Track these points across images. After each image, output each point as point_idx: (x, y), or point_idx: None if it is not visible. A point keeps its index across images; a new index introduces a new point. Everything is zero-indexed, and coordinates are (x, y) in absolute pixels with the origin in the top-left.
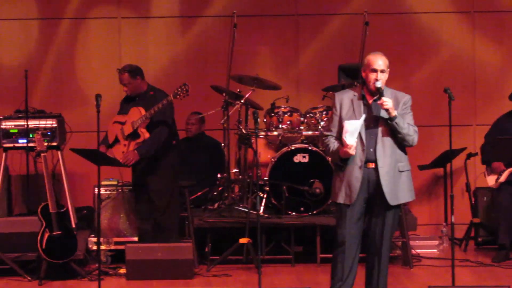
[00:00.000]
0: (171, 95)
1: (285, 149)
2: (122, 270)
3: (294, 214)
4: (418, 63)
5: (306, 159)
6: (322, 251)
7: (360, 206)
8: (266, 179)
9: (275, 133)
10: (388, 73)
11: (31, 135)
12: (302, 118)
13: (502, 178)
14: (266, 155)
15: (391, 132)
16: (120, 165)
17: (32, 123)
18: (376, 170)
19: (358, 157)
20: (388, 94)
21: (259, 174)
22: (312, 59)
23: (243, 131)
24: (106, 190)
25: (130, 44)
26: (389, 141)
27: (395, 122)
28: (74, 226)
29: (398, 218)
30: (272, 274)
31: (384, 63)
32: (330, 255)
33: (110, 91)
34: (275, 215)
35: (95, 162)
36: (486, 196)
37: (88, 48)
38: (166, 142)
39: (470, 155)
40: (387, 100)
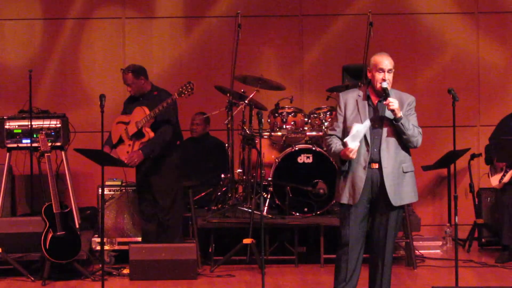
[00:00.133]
0: (176, 93)
1: (289, 149)
2: (126, 271)
3: (297, 214)
4: (422, 64)
5: (310, 160)
6: (326, 252)
7: (363, 207)
8: (270, 180)
9: (279, 133)
10: (393, 74)
11: (35, 135)
12: (306, 119)
13: (506, 178)
14: (270, 156)
15: (396, 132)
16: (123, 165)
17: (36, 123)
18: (380, 170)
19: (362, 157)
20: (392, 95)
21: (263, 175)
22: (316, 60)
23: (247, 132)
24: (110, 190)
25: (134, 44)
26: (393, 141)
27: (401, 123)
28: (77, 226)
29: (402, 218)
30: (275, 275)
31: (390, 63)
32: (333, 256)
33: (114, 91)
34: (279, 216)
35: (99, 162)
36: (490, 196)
37: (92, 48)
38: (171, 142)
39: (474, 156)
40: (393, 100)
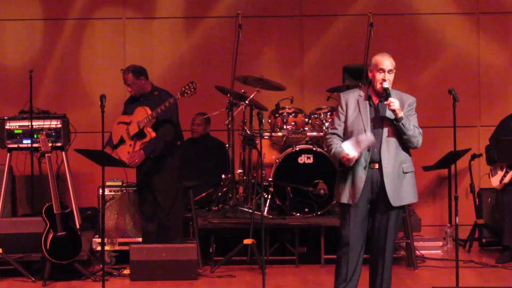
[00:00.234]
0: (179, 93)
1: (289, 150)
2: (126, 271)
3: (298, 215)
4: (422, 64)
5: (310, 160)
6: (326, 252)
7: (364, 207)
8: (271, 180)
9: (280, 134)
10: (394, 74)
11: (36, 136)
12: (307, 119)
13: (506, 179)
14: (270, 156)
15: (396, 133)
16: (124, 165)
17: (36, 124)
18: (380, 170)
19: (363, 157)
20: (393, 95)
21: (264, 175)
22: (316, 60)
23: (248, 132)
24: (111, 191)
25: (134, 44)
26: (394, 142)
27: (401, 123)
28: (78, 226)
29: (402, 219)
30: (276, 275)
31: (391, 64)
32: (334, 256)
33: (115, 92)
34: (279, 216)
35: (99, 162)
36: (490, 197)
37: (93, 48)
38: (172, 142)
39: (474, 156)
40: (394, 101)
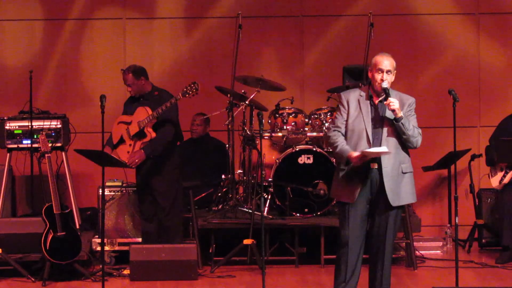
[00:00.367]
0: (180, 94)
1: (289, 150)
2: (126, 271)
3: (298, 215)
4: (422, 65)
5: (310, 160)
6: (326, 252)
7: (363, 207)
8: (271, 180)
9: (280, 134)
10: (394, 74)
11: (35, 136)
12: (307, 119)
13: (506, 179)
14: (270, 156)
15: (396, 133)
16: (124, 166)
17: (36, 124)
18: (379, 170)
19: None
20: (393, 95)
21: (264, 175)
22: (317, 60)
23: (248, 132)
24: (110, 191)
25: (135, 44)
26: (393, 141)
27: (401, 123)
28: (78, 227)
29: (401, 219)
30: (276, 275)
31: (390, 64)
32: (334, 256)
33: (115, 92)
34: (279, 216)
35: (99, 163)
36: (490, 197)
37: (93, 48)
38: (171, 143)
39: (474, 157)
40: (394, 100)
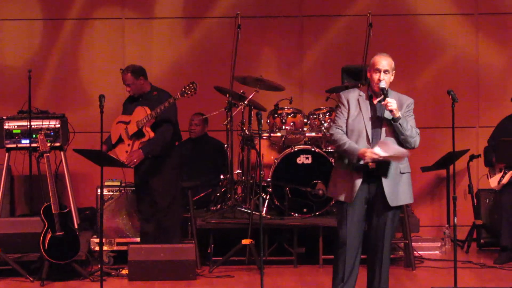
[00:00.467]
0: (179, 93)
1: (288, 150)
2: (124, 271)
3: (296, 215)
4: (421, 65)
5: (309, 161)
6: (325, 252)
7: (361, 207)
8: (269, 180)
9: (278, 134)
10: (393, 74)
11: (34, 136)
12: (306, 120)
13: (505, 180)
14: (269, 156)
15: (394, 133)
16: (122, 165)
17: (35, 124)
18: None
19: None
20: (392, 96)
21: (262, 175)
22: (315, 61)
23: (246, 132)
24: (109, 191)
25: (134, 44)
26: (392, 142)
27: (399, 123)
28: (76, 226)
29: (399, 219)
30: (274, 275)
31: (388, 64)
32: (332, 256)
33: (114, 92)
34: (278, 216)
35: (98, 162)
36: (489, 198)
37: (92, 48)
38: (170, 143)
39: (473, 157)
40: (392, 101)
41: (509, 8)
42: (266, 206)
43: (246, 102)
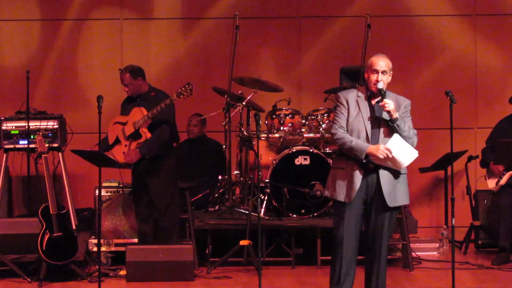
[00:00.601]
0: (175, 95)
1: (286, 151)
2: (122, 272)
3: (294, 216)
4: (419, 66)
5: (307, 162)
6: (323, 253)
7: (358, 207)
8: (267, 181)
9: (277, 135)
10: (390, 75)
11: (32, 136)
12: (304, 121)
13: (503, 181)
14: (267, 157)
15: (392, 134)
16: (120, 166)
17: (33, 124)
18: (376, 171)
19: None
20: (389, 97)
21: (260, 176)
22: (314, 61)
23: (245, 133)
24: (107, 192)
25: (132, 45)
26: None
27: (396, 124)
28: (74, 227)
29: (396, 220)
30: (272, 276)
31: (385, 64)
32: (330, 257)
33: (112, 93)
34: (276, 217)
35: (96, 163)
36: (487, 199)
37: (90, 49)
38: (167, 143)
39: (471, 158)
40: (389, 101)
41: (507, 9)
42: (264, 207)
43: (244, 103)
